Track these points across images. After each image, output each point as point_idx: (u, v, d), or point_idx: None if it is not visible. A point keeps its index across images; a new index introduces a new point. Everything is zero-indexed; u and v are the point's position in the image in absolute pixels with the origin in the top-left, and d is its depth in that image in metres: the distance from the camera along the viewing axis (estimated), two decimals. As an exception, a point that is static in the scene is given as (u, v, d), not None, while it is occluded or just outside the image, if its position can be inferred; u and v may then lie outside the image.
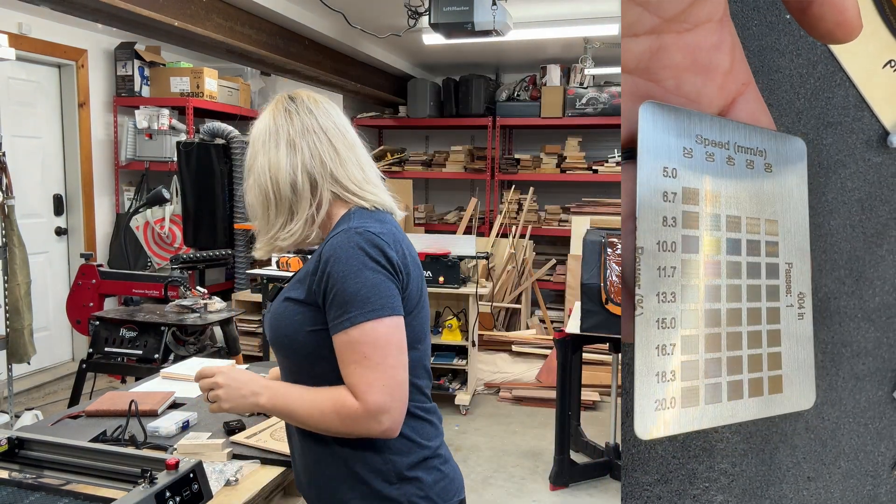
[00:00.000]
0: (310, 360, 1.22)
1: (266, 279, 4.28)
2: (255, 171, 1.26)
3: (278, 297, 1.27)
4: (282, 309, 1.23)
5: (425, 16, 3.48)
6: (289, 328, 1.21)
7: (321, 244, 1.24)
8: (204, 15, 3.73)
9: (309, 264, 1.22)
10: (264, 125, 1.28)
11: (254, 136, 1.29)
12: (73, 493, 1.25)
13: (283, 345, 1.24)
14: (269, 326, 1.26)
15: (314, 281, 1.18)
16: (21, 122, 4.55)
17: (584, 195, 6.42)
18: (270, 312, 1.27)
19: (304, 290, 1.20)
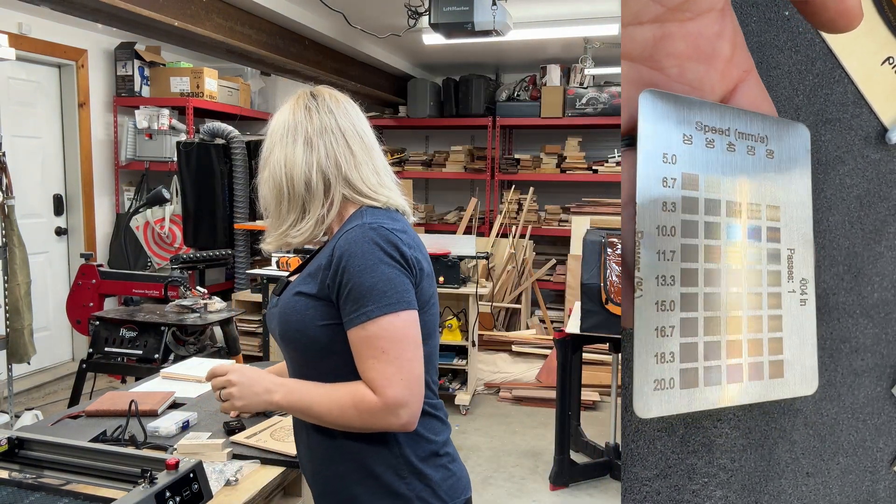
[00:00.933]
0: (320, 355, 1.21)
1: (266, 279, 4.28)
2: (271, 164, 1.26)
3: (286, 290, 1.26)
4: (293, 303, 1.22)
5: (425, 16, 3.48)
6: (300, 322, 1.20)
7: (331, 239, 1.24)
8: (204, 15, 3.74)
9: (320, 259, 1.22)
10: (283, 119, 1.27)
11: (272, 129, 1.29)
12: (73, 493, 1.25)
13: (292, 339, 1.23)
14: (278, 320, 1.25)
15: (327, 275, 1.18)
16: (21, 122, 4.55)
17: (584, 195, 6.42)
18: (279, 306, 1.26)
19: (317, 284, 1.20)
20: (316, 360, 1.23)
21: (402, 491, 1.21)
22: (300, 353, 1.25)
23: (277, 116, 1.29)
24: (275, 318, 1.27)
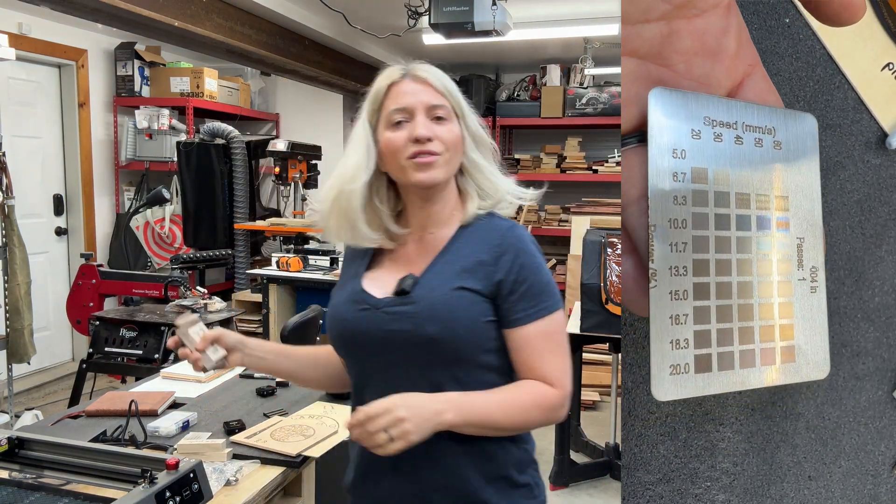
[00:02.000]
0: (476, 353, 1.17)
1: (266, 279, 4.28)
2: (469, 116, 1.26)
3: (438, 285, 1.18)
4: (457, 298, 1.16)
5: (425, 16, 3.48)
6: (467, 319, 1.16)
7: (472, 232, 1.22)
8: (204, 15, 3.74)
9: (478, 254, 1.19)
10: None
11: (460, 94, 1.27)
12: (73, 493, 1.25)
13: (454, 337, 1.15)
14: (437, 318, 1.15)
15: (496, 271, 1.16)
16: (21, 122, 4.55)
17: (584, 195, 6.42)
18: (431, 303, 1.16)
19: (482, 280, 1.17)
20: (469, 359, 1.17)
21: (523, 481, 1.22)
22: (451, 354, 1.17)
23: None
24: (422, 316, 1.16)
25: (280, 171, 4.69)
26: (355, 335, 1.21)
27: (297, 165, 4.75)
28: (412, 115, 1.19)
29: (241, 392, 2.12)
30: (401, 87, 1.21)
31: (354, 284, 1.25)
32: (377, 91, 1.24)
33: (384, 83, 1.23)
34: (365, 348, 1.21)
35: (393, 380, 1.17)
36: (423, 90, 1.21)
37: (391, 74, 1.24)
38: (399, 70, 1.24)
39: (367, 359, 1.22)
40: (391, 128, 1.20)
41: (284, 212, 5.70)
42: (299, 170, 4.76)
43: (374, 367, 1.21)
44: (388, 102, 1.21)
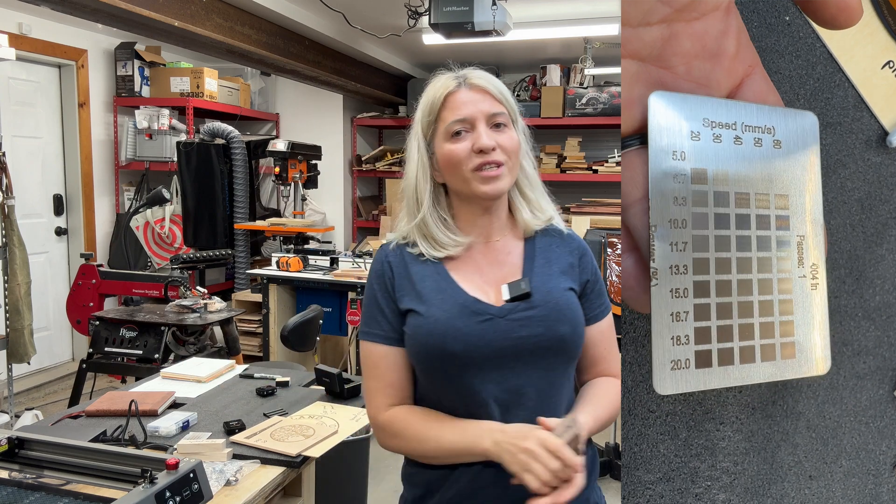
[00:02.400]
0: (577, 354, 1.19)
1: (266, 279, 4.28)
2: (521, 121, 1.26)
3: (552, 287, 1.16)
4: (570, 298, 1.17)
5: (425, 16, 3.48)
6: (581, 317, 1.18)
7: (543, 236, 1.25)
8: (204, 15, 3.74)
9: (566, 257, 1.22)
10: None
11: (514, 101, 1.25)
12: (73, 493, 1.25)
13: (578, 335, 1.16)
14: (565, 319, 1.14)
15: (582, 272, 1.22)
16: (21, 122, 4.55)
17: (584, 195, 6.42)
18: (559, 302, 1.15)
19: (575, 280, 1.20)
20: (572, 361, 1.19)
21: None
22: (574, 352, 1.17)
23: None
24: (551, 318, 1.13)
25: (280, 171, 4.69)
26: (479, 346, 1.11)
27: (297, 165, 4.75)
28: (473, 126, 1.15)
29: (241, 392, 2.12)
30: (458, 96, 1.17)
31: (458, 295, 1.15)
32: (432, 102, 1.19)
33: (440, 93, 1.18)
34: (490, 360, 1.12)
35: (513, 388, 1.12)
36: (482, 98, 1.17)
37: (446, 84, 1.19)
38: (454, 79, 1.20)
39: (484, 371, 1.12)
40: (451, 139, 1.16)
41: (284, 212, 5.71)
42: (299, 170, 4.76)
43: (489, 379, 1.12)
44: (446, 114, 1.17)
